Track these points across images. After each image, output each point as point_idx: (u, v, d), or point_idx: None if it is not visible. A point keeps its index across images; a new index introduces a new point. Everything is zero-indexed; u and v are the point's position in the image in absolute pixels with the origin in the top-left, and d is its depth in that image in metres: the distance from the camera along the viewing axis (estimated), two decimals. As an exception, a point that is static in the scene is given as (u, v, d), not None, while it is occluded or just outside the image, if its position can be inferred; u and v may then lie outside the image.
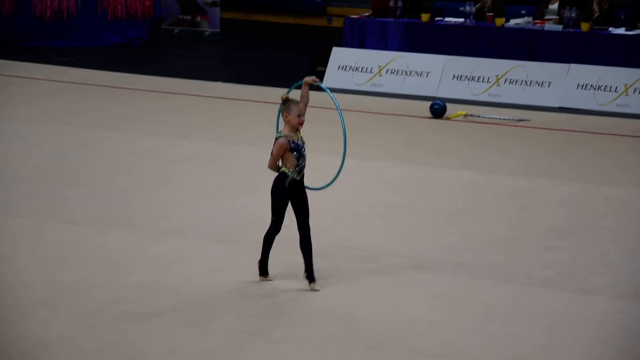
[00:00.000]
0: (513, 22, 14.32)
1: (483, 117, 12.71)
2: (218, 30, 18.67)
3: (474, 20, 14.38)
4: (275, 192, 7.09)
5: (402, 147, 11.33)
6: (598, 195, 9.58)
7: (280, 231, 7.15)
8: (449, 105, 12.87)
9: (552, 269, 7.68)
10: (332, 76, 14.57)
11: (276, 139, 7.08)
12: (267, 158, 7.06)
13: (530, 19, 14.47)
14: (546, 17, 14.38)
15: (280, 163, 7.08)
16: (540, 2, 14.66)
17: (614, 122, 12.61)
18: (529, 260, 7.88)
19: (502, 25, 14.21)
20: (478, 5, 14.57)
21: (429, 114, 12.77)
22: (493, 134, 12.07)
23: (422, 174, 10.26)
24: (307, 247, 7.07)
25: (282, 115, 7.14)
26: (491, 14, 14.34)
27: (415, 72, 14.26)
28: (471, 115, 12.73)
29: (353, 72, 14.54)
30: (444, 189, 9.76)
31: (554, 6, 14.37)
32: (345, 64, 14.59)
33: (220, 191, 9.54)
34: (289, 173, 7.06)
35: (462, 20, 14.51)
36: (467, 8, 14.39)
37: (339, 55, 14.69)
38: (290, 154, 7.06)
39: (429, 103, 12.96)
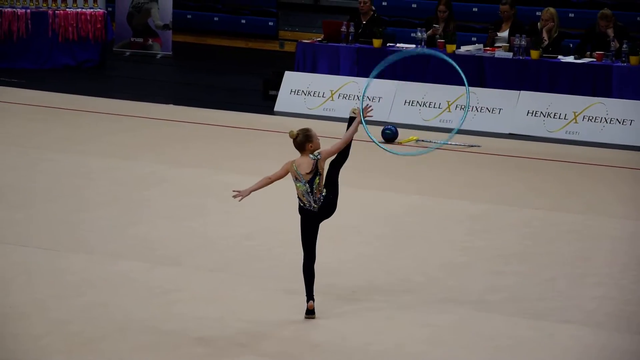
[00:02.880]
0: (464, 48, 14.44)
1: (434, 142, 12.79)
2: (170, 53, 18.63)
3: (425, 47, 14.48)
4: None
5: (353, 172, 11.34)
6: (547, 220, 9.66)
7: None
8: (400, 131, 12.94)
9: (500, 294, 7.73)
10: (285, 100, 14.59)
11: (318, 156, 7.11)
12: (214, 179, 7.03)
13: (480, 46, 14.60)
14: (496, 44, 14.52)
15: (322, 186, 7.10)
16: (490, 30, 14.80)
17: (564, 149, 12.74)
18: (477, 284, 7.92)
19: (453, 51, 14.32)
20: (429, 31, 14.68)
21: (380, 139, 12.83)
22: (444, 159, 12.14)
23: (373, 198, 10.29)
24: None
25: (308, 146, 7.13)
26: (442, 40, 14.45)
27: (368, 97, 14.32)
28: (422, 141, 12.80)
29: (305, 97, 14.57)
30: (395, 213, 9.79)
31: (504, 34, 14.51)
32: (298, 88, 14.62)
33: (169, 213, 9.50)
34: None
35: (413, 46, 14.61)
36: (419, 34, 14.49)
37: (291, 80, 14.72)
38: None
39: (380, 128, 13.02)
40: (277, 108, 14.59)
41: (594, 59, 13.72)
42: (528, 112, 13.52)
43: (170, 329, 6.85)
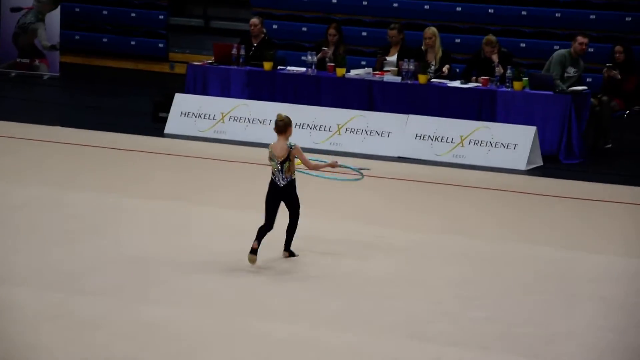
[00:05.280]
0: (353, 72, 14.59)
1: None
2: (57, 74, 18.37)
3: (315, 70, 14.58)
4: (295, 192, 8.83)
5: (246, 195, 11.36)
6: (436, 244, 9.80)
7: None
8: (290, 154, 12.96)
9: (390, 317, 7.81)
10: (175, 122, 14.51)
11: (293, 147, 8.69)
12: (103, 202, 6.95)
13: (370, 70, 14.77)
14: (385, 68, 14.70)
15: (293, 169, 8.75)
16: (379, 54, 14.99)
17: (451, 172, 12.94)
18: (368, 307, 7.99)
19: (343, 75, 14.46)
20: (319, 55, 14.80)
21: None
22: (334, 182, 12.20)
23: (261, 221, 10.28)
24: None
25: (288, 131, 8.77)
26: (332, 64, 14.58)
27: (258, 119, 14.35)
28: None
29: (196, 119, 14.52)
30: (282, 235, 9.80)
31: (393, 58, 14.70)
32: (188, 110, 14.56)
33: (57, 237, 9.35)
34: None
35: (304, 69, 14.70)
36: (309, 57, 14.60)
37: (182, 102, 14.65)
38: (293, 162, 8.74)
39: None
40: (167, 130, 14.50)
41: (480, 84, 14.00)
42: (416, 136, 13.71)
43: (57, 356, 6.73)
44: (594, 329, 7.72)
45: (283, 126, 8.74)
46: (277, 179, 8.78)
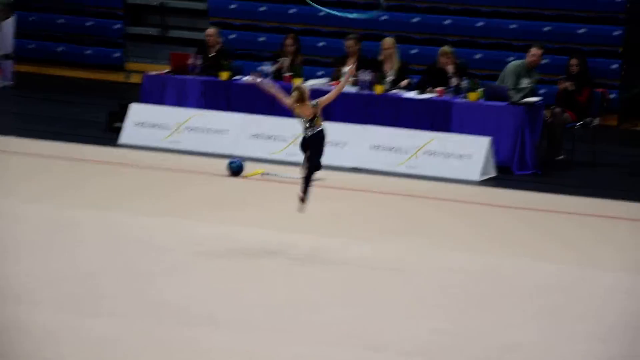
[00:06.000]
0: (310, 82, 14.62)
1: (279, 176, 12.87)
2: (11, 83, 18.22)
3: (272, 80, 14.58)
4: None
5: (201, 205, 11.34)
6: (385, 254, 9.83)
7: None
8: (247, 164, 12.98)
9: (342, 326, 7.82)
10: (130, 132, 14.46)
11: (316, 104, 9.62)
12: (57, 214, 6.89)
13: (326, 80, 14.80)
14: (342, 78, 14.70)
15: (320, 122, 9.64)
16: (336, 64, 15.02)
17: (405, 182, 12.99)
18: (320, 317, 8.00)
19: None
20: (276, 65, 14.81)
21: (227, 172, 12.84)
22: (288, 193, 12.19)
23: (220, 231, 10.28)
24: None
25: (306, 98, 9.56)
26: (289, 74, 14.60)
27: (214, 129, 14.33)
28: (268, 174, 12.87)
29: (151, 129, 14.47)
30: (242, 247, 9.80)
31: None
32: (144, 120, 14.51)
33: (7, 250, 9.27)
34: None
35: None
36: (266, 68, 14.60)
37: (137, 112, 14.60)
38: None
39: (227, 161, 13.04)
40: (122, 140, 14.44)
41: (435, 95, 14.08)
42: (372, 146, 13.75)
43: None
44: (563, 340, 7.78)
45: (298, 98, 9.56)
46: (305, 133, 9.67)
